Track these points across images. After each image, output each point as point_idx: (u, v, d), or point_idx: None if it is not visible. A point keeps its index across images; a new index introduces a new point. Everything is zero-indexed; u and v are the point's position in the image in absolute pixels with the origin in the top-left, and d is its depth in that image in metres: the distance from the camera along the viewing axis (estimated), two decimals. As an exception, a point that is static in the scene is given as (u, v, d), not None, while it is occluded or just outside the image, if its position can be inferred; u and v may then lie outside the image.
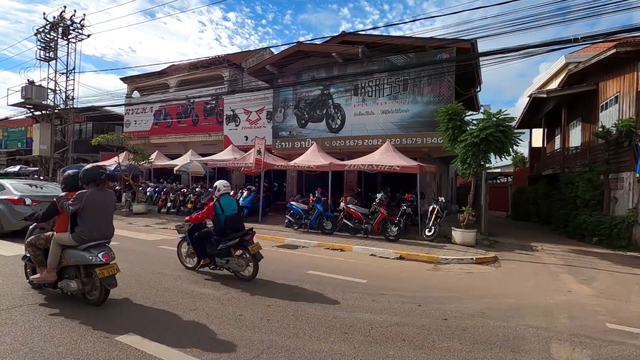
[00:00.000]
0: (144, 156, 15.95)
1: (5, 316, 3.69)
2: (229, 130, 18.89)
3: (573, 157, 14.47)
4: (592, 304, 4.97)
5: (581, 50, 18.20)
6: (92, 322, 3.60)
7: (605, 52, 10.82)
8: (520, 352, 3.33)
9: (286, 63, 15.42)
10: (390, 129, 13.30)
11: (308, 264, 6.90)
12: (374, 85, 13.75)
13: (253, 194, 13.38)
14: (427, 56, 12.57)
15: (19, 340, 3.15)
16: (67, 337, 3.25)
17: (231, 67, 19.64)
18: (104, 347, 3.07)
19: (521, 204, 18.58)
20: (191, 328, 3.55)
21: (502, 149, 9.13)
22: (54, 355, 2.90)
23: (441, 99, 12.41)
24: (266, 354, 3.07)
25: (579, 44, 9.34)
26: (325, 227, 10.52)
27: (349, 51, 13.35)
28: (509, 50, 9.67)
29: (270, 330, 3.57)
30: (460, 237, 9.31)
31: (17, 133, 30.91)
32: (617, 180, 10.84)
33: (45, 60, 20.75)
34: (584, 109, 13.65)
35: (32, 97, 19.62)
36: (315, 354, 3.09)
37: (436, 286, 5.75)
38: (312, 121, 15.00)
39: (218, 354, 3.05)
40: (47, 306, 4.03)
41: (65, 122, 21.92)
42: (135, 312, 3.95)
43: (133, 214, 14.91)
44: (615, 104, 11.39)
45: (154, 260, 6.64)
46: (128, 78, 23.34)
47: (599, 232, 10.29)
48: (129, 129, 21.95)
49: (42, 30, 20.32)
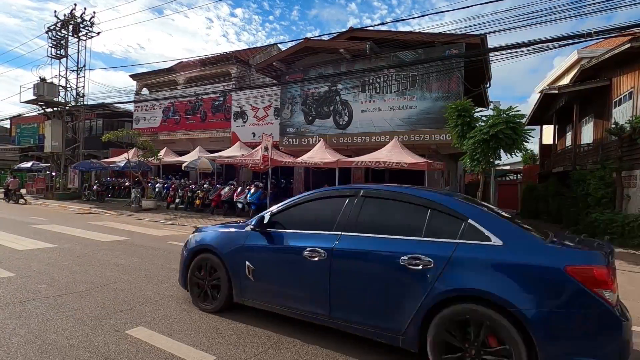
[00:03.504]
0: (153, 152, 16.13)
1: (19, 309, 3.77)
2: (236, 127, 18.97)
3: (585, 154, 14.23)
4: (603, 303, 4.89)
5: (594, 45, 17.84)
6: (102, 316, 3.66)
7: (619, 47, 10.57)
8: (529, 350, 3.29)
9: (293, 59, 15.41)
10: (398, 126, 13.22)
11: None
12: (382, 82, 13.67)
13: (260, 191, 13.44)
14: (435, 52, 12.45)
15: (32, 333, 3.21)
16: (79, 330, 3.31)
17: (239, 63, 19.70)
18: (115, 341, 3.12)
19: (531, 201, 18.34)
20: (199, 322, 3.59)
21: (513, 145, 9.02)
22: (67, 348, 2.96)
23: (450, 95, 12.29)
24: (274, 349, 3.09)
25: (593, 39, 9.16)
26: (333, 223, 10.52)
27: (357, 47, 13.28)
28: (520, 45, 9.53)
29: (278, 325, 3.59)
30: (469, 234, 9.22)
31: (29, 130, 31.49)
32: (631, 177, 10.63)
33: (56, 58, 21.07)
34: (597, 105, 13.39)
35: (44, 94, 19.94)
36: (322, 350, 3.10)
37: (444, 284, 5.70)
38: (320, 118, 14.98)
39: (226, 347, 3.08)
40: (59, 299, 4.11)
41: (76, 119, 22.25)
42: (145, 306, 4.00)
43: (142, 209, 15.11)
44: (630, 99, 11.15)
45: (163, 256, 6.71)
46: (137, 75, 23.58)
47: (611, 231, 10.10)
48: (138, 125, 22.20)
49: (53, 28, 20.62)
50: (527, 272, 2.44)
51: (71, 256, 6.34)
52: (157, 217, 13.05)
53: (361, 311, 2.97)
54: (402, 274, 2.77)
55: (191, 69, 21.01)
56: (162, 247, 7.63)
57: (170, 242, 8.32)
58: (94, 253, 6.69)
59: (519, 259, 2.49)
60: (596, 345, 2.27)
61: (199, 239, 4.13)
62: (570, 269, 2.32)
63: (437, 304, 2.60)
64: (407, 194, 3.15)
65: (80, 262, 5.90)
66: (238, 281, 3.65)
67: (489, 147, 9.05)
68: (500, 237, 2.61)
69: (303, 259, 3.21)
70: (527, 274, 2.43)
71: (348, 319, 3.04)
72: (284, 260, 3.42)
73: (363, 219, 3.15)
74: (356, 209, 3.21)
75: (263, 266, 3.52)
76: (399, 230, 2.96)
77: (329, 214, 3.33)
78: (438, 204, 2.94)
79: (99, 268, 5.56)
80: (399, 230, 2.96)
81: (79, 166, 20.69)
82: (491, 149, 9.08)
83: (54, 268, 5.47)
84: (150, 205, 15.47)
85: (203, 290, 3.92)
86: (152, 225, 11.28)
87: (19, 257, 6.14)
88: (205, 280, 3.91)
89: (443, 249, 2.69)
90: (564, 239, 2.86)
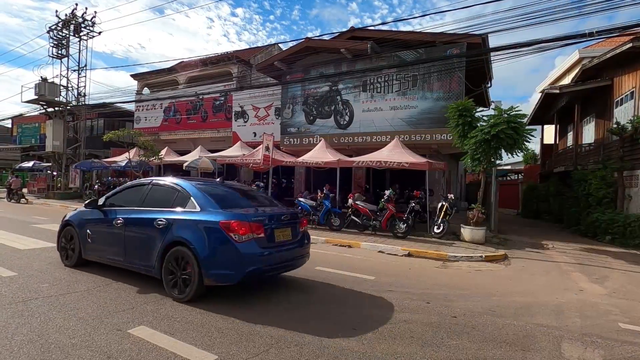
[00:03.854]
0: (154, 152, 16.14)
1: (22, 308, 3.79)
2: (237, 127, 18.98)
3: (586, 154, 14.21)
4: (604, 304, 4.89)
5: (595, 45, 17.79)
6: (104, 315, 3.67)
7: (621, 47, 10.56)
8: (530, 350, 3.30)
9: (295, 59, 15.40)
10: (399, 125, 13.21)
11: (316, 260, 6.91)
12: (383, 81, 13.66)
13: (261, 190, 13.42)
14: (436, 51, 12.43)
15: (35, 332, 3.22)
16: (81, 329, 3.32)
17: (240, 63, 19.69)
18: (117, 340, 3.13)
19: (532, 201, 18.32)
20: (201, 322, 3.60)
21: (514, 145, 9.01)
22: (69, 347, 2.97)
23: (451, 94, 12.27)
24: (275, 348, 3.09)
25: (594, 39, 9.14)
26: (334, 223, 10.53)
27: (358, 47, 13.26)
28: (521, 45, 9.50)
29: (279, 324, 3.60)
30: (470, 234, 9.23)
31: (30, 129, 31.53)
32: (632, 177, 10.61)
33: (57, 58, 21.09)
34: (598, 105, 13.37)
35: (45, 94, 19.97)
36: (324, 350, 3.11)
37: (445, 284, 5.72)
38: (321, 117, 14.98)
39: (228, 346, 3.08)
40: (61, 298, 4.12)
41: (78, 119, 22.28)
42: (146, 305, 4.01)
43: (143, 209, 15.10)
44: (631, 99, 11.13)
45: (165, 255, 6.72)
46: (138, 75, 23.59)
47: (612, 231, 10.10)
48: (139, 125, 22.21)
49: (54, 27, 20.63)
50: (203, 226, 4.18)
51: (73, 255, 6.34)
52: (158, 216, 13.05)
53: (139, 256, 4.65)
54: (155, 232, 4.46)
55: (192, 69, 21.02)
56: (164, 247, 7.63)
57: (172, 241, 8.32)
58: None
59: (202, 219, 4.24)
60: (229, 260, 4.08)
61: (66, 216, 5.84)
62: (220, 223, 4.10)
63: (166, 247, 4.33)
64: (168, 183, 4.94)
65: (82, 262, 5.90)
66: (84, 244, 5.34)
67: (490, 147, 9.04)
68: (200, 206, 4.36)
69: (114, 226, 4.89)
70: (203, 227, 4.17)
71: (132, 262, 4.74)
72: (105, 227, 5.10)
73: (147, 199, 4.88)
74: (145, 193, 4.97)
75: (95, 232, 5.23)
76: (160, 205, 4.69)
77: (133, 197, 5.07)
78: (182, 188, 4.68)
79: (101, 267, 5.57)
80: (160, 204, 4.69)
81: (80, 166, 20.71)
82: (492, 148, 9.08)
83: (56, 267, 5.48)
84: (152, 204, 15.47)
85: (67, 251, 5.63)
86: (153, 224, 11.28)
87: (21, 256, 6.16)
88: (68, 245, 5.62)
89: (174, 215, 4.45)
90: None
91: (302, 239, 4.92)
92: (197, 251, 4.05)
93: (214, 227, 4.10)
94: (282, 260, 4.52)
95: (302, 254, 4.88)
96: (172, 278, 4.26)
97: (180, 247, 4.21)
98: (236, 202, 4.75)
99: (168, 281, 4.29)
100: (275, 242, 4.43)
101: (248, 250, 4.08)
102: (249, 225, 4.14)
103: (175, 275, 4.24)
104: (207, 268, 4.04)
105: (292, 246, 4.67)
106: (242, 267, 4.04)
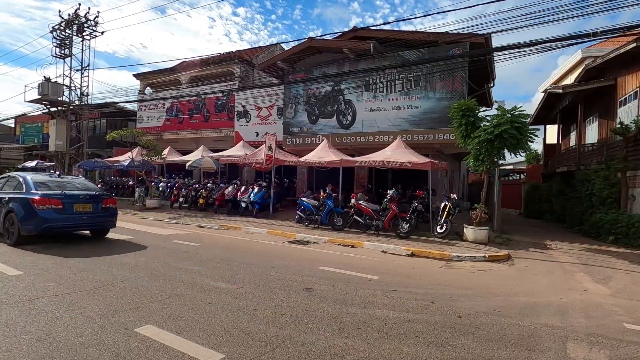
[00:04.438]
0: (157, 152, 16.17)
1: (29, 307, 3.81)
2: (239, 126, 19.01)
3: (589, 154, 14.17)
4: (609, 304, 4.89)
5: (599, 45, 17.75)
6: (111, 314, 3.69)
7: (624, 47, 10.53)
8: (535, 350, 3.31)
9: (297, 59, 15.42)
10: (401, 125, 13.21)
11: (319, 260, 6.94)
12: (386, 81, 13.66)
13: (264, 190, 13.46)
14: (439, 51, 12.42)
15: (43, 330, 3.25)
16: (88, 327, 3.35)
17: (242, 63, 19.72)
18: (124, 338, 3.15)
19: (534, 201, 18.28)
20: (207, 321, 3.62)
21: (517, 145, 9.00)
22: (77, 346, 2.99)
23: (454, 94, 12.26)
24: (281, 348, 3.11)
25: (598, 38, 9.11)
26: (336, 223, 10.54)
27: (361, 46, 13.27)
28: (524, 45, 9.49)
29: (285, 324, 3.61)
30: (473, 234, 9.23)
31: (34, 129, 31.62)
32: (636, 177, 10.58)
33: (60, 57, 21.14)
34: (602, 105, 13.33)
35: (48, 93, 20.02)
36: (329, 349, 3.12)
37: (449, 283, 5.72)
38: (323, 117, 14.99)
39: (235, 346, 3.10)
40: (67, 297, 4.15)
41: (80, 118, 22.34)
42: (152, 304, 4.03)
43: (146, 208, 15.17)
44: (635, 99, 11.10)
45: (169, 254, 6.75)
46: (140, 75, 23.63)
47: (616, 231, 10.07)
48: (142, 124, 22.27)
49: (57, 27, 20.67)
50: (22, 200, 6.93)
51: (77, 254, 6.38)
52: (161, 216, 13.11)
53: None
54: (2, 205, 7.27)
55: (194, 69, 21.06)
56: (167, 246, 7.67)
57: (175, 240, 8.36)
58: (99, 251, 6.73)
59: (22, 197, 7.00)
60: (33, 220, 6.76)
61: None
62: (30, 199, 6.83)
63: (5, 213, 7.10)
64: (16, 175, 7.76)
65: (87, 261, 5.95)
66: None
67: (494, 147, 9.03)
68: (26, 189, 7.13)
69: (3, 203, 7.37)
70: (23, 201, 6.92)
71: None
72: None
73: (5, 186, 7.71)
74: (5, 182, 7.83)
75: None
76: (10, 188, 7.50)
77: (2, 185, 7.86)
78: (22, 177, 7.47)
79: (106, 266, 5.60)
80: (11, 188, 7.49)
81: (83, 165, 20.79)
82: (496, 148, 9.07)
83: (61, 266, 5.51)
84: (154, 204, 15.54)
85: None
86: (156, 224, 11.33)
87: (26, 255, 6.20)
88: None
89: (12, 194, 7.27)
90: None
91: (103, 211, 7.56)
92: (17, 215, 6.82)
93: (27, 201, 6.83)
94: (80, 223, 7.35)
95: (101, 221, 7.66)
96: (6, 231, 7.03)
97: (11, 213, 6.94)
98: (51, 188, 7.22)
99: (5, 233, 7.06)
100: (75, 212, 7.11)
101: (45, 215, 6.72)
102: (49, 200, 6.80)
103: (8, 230, 6.99)
104: (21, 225, 6.75)
105: (93, 215, 7.39)
106: (39, 224, 6.70)
